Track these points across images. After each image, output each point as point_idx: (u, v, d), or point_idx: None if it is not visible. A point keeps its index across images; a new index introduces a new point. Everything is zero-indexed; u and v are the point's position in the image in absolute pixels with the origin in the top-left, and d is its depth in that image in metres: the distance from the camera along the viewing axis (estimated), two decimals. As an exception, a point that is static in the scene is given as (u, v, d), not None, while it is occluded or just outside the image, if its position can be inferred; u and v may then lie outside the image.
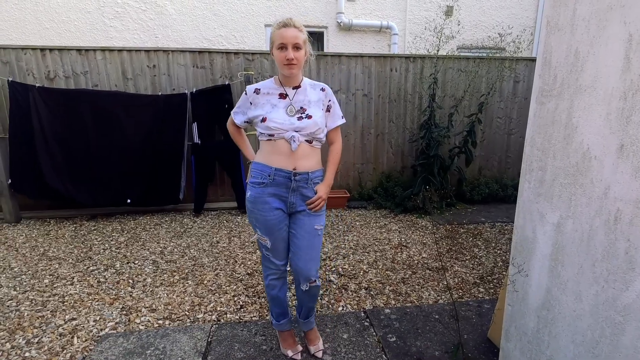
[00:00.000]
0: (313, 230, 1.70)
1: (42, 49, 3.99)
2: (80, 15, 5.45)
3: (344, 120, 1.78)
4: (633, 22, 0.99)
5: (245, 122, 1.74)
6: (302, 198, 1.68)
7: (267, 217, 1.65)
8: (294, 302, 2.44)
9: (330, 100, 1.72)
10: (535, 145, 1.38)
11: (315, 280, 1.74)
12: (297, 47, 1.55)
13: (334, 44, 6.19)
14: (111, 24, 5.55)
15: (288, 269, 1.81)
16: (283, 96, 1.65)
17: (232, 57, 4.33)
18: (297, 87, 1.67)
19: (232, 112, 1.78)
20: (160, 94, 4.15)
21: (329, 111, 1.73)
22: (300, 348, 1.92)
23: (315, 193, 1.70)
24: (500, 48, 5.44)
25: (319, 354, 1.89)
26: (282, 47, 1.54)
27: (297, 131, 1.60)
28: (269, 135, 1.62)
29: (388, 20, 6.21)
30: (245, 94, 1.69)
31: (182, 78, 4.27)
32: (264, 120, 1.61)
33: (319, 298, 2.50)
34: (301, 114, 1.62)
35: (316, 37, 6.34)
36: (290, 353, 1.88)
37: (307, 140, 1.64)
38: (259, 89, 1.67)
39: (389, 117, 4.82)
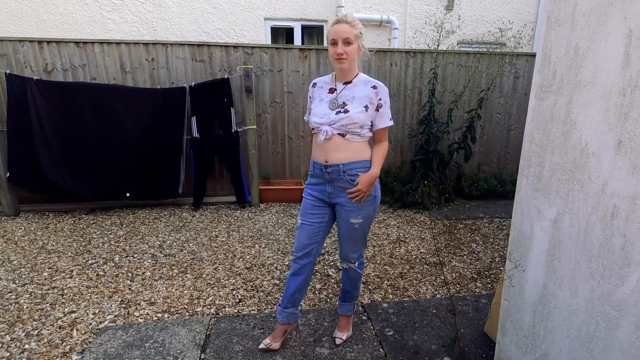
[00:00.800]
0: (349, 224, 1.76)
1: (40, 41, 3.96)
2: (78, 7, 5.40)
3: (392, 123, 1.76)
4: (633, 18, 0.98)
5: None
6: (339, 189, 1.74)
7: (306, 199, 1.83)
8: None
9: (380, 99, 1.69)
10: (534, 141, 1.38)
11: (355, 263, 1.88)
12: (347, 42, 1.61)
13: (333, 38, 6.14)
14: (109, 17, 5.50)
15: (305, 268, 1.84)
16: (332, 91, 1.74)
17: (232, 50, 4.30)
18: (348, 83, 1.72)
19: (306, 118, 1.91)
20: (159, 87, 4.13)
21: (378, 111, 1.70)
22: (273, 346, 1.88)
23: (351, 185, 1.71)
24: (500, 43, 5.42)
25: (337, 341, 1.98)
26: (334, 42, 1.62)
27: (331, 124, 1.67)
28: (312, 128, 1.76)
29: (388, 14, 6.16)
30: (309, 90, 1.84)
31: (180, 71, 4.25)
32: (309, 113, 1.78)
33: (317, 292, 2.51)
34: (340, 108, 1.68)
35: (316, 31, 6.30)
36: (264, 340, 1.91)
37: (339, 134, 1.68)
38: (316, 83, 1.81)
39: (389, 112, 4.80)
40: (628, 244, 1.04)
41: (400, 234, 3.60)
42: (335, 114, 1.66)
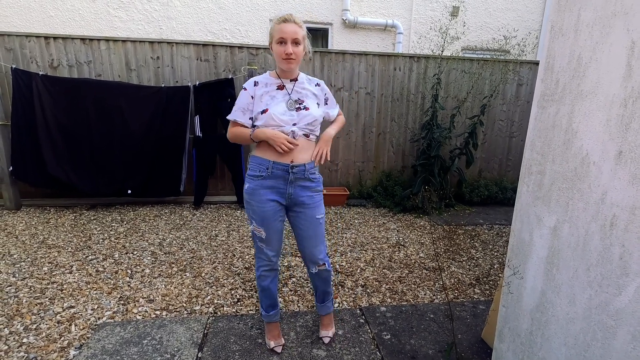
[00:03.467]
0: (315, 220, 1.76)
1: (47, 37, 3.99)
2: (85, 4, 5.44)
3: (338, 106, 1.92)
4: (636, 30, 0.99)
5: (250, 118, 1.68)
6: (300, 189, 1.72)
7: (264, 209, 1.69)
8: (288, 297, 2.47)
9: (325, 94, 1.83)
10: (535, 149, 1.39)
11: (325, 264, 1.85)
12: (296, 43, 1.60)
13: (338, 41, 6.18)
14: (116, 14, 5.54)
15: (279, 266, 1.90)
16: (281, 87, 1.69)
17: (236, 51, 4.32)
18: (294, 80, 1.72)
19: (231, 117, 1.71)
20: (163, 86, 4.15)
21: (327, 104, 1.84)
22: (282, 341, 1.95)
23: (312, 182, 1.75)
24: (504, 50, 5.44)
25: (325, 340, 1.99)
26: (282, 41, 1.59)
27: (294, 124, 1.65)
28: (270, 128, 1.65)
29: (393, 19, 6.19)
30: (245, 89, 1.69)
31: (185, 70, 4.27)
32: (264, 112, 1.63)
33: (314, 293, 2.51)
34: (299, 105, 1.68)
35: (321, 34, 6.33)
36: (272, 344, 1.92)
37: (304, 134, 1.69)
38: (257, 82, 1.70)
39: (391, 116, 4.82)
40: (626, 253, 1.05)
41: (400, 238, 3.60)
42: (296, 110, 1.66)
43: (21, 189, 4.15)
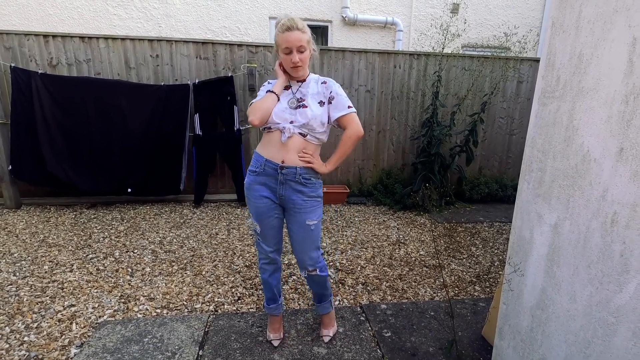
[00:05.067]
0: (305, 226, 1.72)
1: (45, 35, 3.97)
2: (84, 2, 5.42)
3: (351, 110, 1.71)
4: (637, 26, 0.99)
5: None
6: (292, 191, 1.69)
7: (257, 204, 1.73)
8: (289, 293, 2.47)
9: (331, 92, 1.72)
10: (536, 146, 1.39)
11: (316, 270, 1.80)
12: (301, 50, 1.62)
13: (338, 38, 6.16)
14: (115, 12, 5.52)
15: (280, 262, 1.90)
16: (287, 88, 1.74)
17: (236, 49, 4.31)
18: (302, 81, 1.75)
19: (252, 102, 1.73)
20: (162, 84, 4.14)
21: (331, 103, 1.72)
22: (280, 336, 1.98)
23: (305, 187, 1.69)
24: (505, 48, 5.42)
25: (325, 339, 1.99)
26: (289, 51, 1.61)
27: (291, 122, 1.66)
28: (268, 128, 1.69)
29: (393, 16, 6.17)
30: (264, 85, 1.78)
31: (184, 69, 4.26)
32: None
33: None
34: (299, 103, 1.69)
35: (320, 31, 6.30)
36: (271, 337, 1.96)
37: (300, 133, 1.67)
38: (270, 82, 1.77)
39: (391, 114, 4.81)
40: (627, 250, 1.05)
41: (400, 236, 3.60)
42: (295, 109, 1.66)
43: (21, 188, 4.15)
